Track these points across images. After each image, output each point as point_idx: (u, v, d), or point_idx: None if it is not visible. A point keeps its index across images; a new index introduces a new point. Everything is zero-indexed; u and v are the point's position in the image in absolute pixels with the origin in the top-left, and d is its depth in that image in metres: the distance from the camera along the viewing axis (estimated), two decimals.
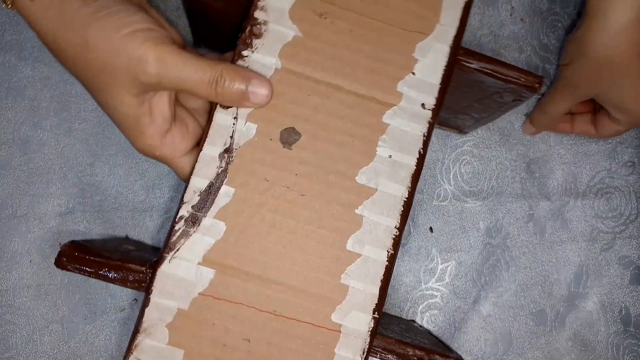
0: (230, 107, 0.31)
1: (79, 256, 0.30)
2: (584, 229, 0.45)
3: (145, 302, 0.29)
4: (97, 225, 0.42)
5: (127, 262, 0.30)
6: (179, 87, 0.29)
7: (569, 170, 0.46)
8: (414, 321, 0.43)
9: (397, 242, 0.31)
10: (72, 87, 0.42)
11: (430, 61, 0.32)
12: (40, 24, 0.27)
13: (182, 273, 0.30)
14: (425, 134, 0.32)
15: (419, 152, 0.31)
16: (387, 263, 0.31)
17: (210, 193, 0.30)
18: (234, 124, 0.31)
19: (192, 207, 0.30)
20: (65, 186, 0.42)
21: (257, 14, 0.31)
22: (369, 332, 0.30)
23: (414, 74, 0.32)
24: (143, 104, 0.29)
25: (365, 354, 0.30)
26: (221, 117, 0.31)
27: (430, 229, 0.44)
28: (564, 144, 0.46)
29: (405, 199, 0.31)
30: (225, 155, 0.30)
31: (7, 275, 0.41)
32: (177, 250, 0.30)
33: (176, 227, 0.30)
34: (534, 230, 0.45)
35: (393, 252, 0.31)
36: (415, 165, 0.31)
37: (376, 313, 0.30)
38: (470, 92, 0.37)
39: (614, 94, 0.41)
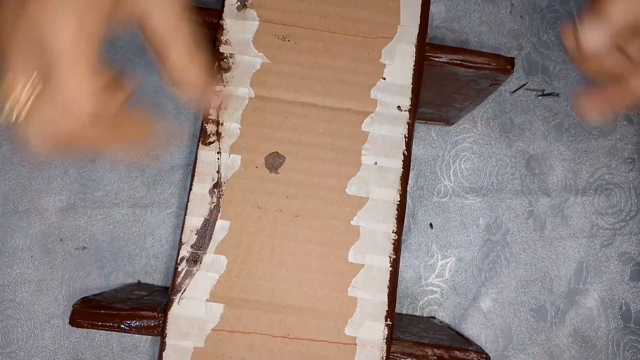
0: (213, 142, 0.31)
1: (92, 312, 0.31)
2: (584, 225, 0.45)
3: (162, 347, 0.30)
4: (98, 221, 0.42)
5: (139, 309, 0.31)
6: None
7: (569, 166, 0.46)
8: (433, 317, 0.43)
9: (397, 247, 0.31)
10: None
11: (398, 63, 0.32)
12: None
13: (193, 312, 0.30)
14: (406, 135, 0.32)
15: (404, 154, 0.32)
16: (391, 268, 0.31)
17: (206, 230, 0.31)
18: (218, 158, 0.31)
19: (191, 246, 0.30)
20: (66, 182, 0.43)
21: (223, 49, 0.32)
22: (385, 340, 0.30)
23: (384, 78, 0.32)
24: None
25: None
26: (205, 154, 0.31)
27: (430, 225, 0.44)
28: (563, 140, 0.46)
29: (398, 202, 0.31)
30: (215, 190, 0.31)
31: (9, 270, 0.42)
32: (184, 290, 0.30)
33: (179, 269, 0.30)
34: (534, 227, 0.45)
35: (395, 256, 0.31)
36: (402, 168, 0.32)
37: (388, 320, 0.30)
38: (447, 85, 0.37)
39: None
